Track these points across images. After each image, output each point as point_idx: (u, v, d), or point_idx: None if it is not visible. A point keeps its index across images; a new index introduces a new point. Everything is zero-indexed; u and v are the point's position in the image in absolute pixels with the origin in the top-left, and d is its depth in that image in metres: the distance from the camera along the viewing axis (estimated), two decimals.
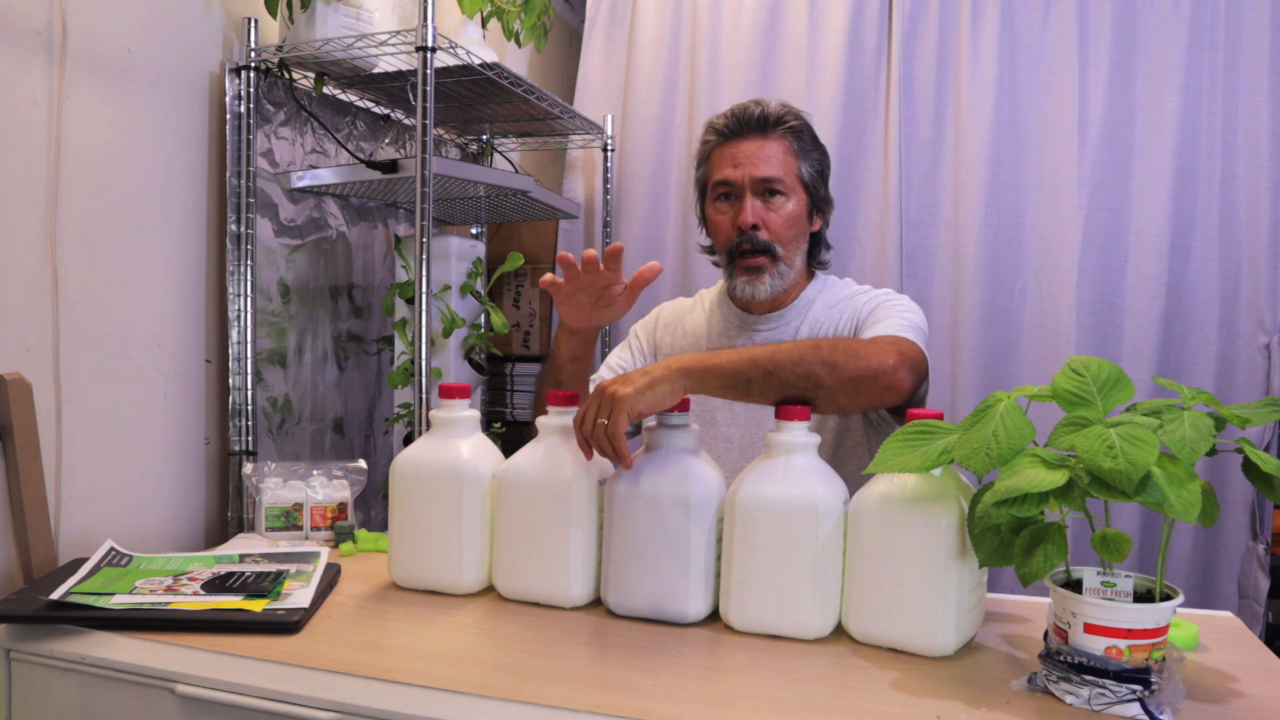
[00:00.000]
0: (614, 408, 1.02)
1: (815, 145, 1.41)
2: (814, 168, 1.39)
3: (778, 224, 1.36)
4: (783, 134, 1.37)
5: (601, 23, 2.35)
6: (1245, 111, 1.96)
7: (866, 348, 1.15)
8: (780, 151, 1.37)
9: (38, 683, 0.98)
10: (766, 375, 1.08)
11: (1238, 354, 1.99)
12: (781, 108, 1.39)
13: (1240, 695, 0.89)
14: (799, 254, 1.40)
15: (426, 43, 1.43)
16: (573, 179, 2.38)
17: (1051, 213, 2.04)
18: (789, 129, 1.37)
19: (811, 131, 1.41)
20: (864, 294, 1.42)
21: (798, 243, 1.39)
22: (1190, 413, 0.84)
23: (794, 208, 1.37)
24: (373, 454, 1.92)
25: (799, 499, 0.99)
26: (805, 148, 1.39)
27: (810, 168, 1.38)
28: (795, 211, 1.37)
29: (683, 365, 1.08)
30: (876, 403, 1.15)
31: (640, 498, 1.04)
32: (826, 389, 1.09)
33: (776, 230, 1.37)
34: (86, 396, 1.31)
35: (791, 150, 1.37)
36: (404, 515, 1.15)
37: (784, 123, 1.37)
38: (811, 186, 1.38)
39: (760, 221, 1.36)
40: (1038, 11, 2.05)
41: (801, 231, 1.40)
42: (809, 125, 1.41)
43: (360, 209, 1.88)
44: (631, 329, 1.60)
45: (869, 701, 0.85)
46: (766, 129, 1.37)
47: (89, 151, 1.30)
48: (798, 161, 1.37)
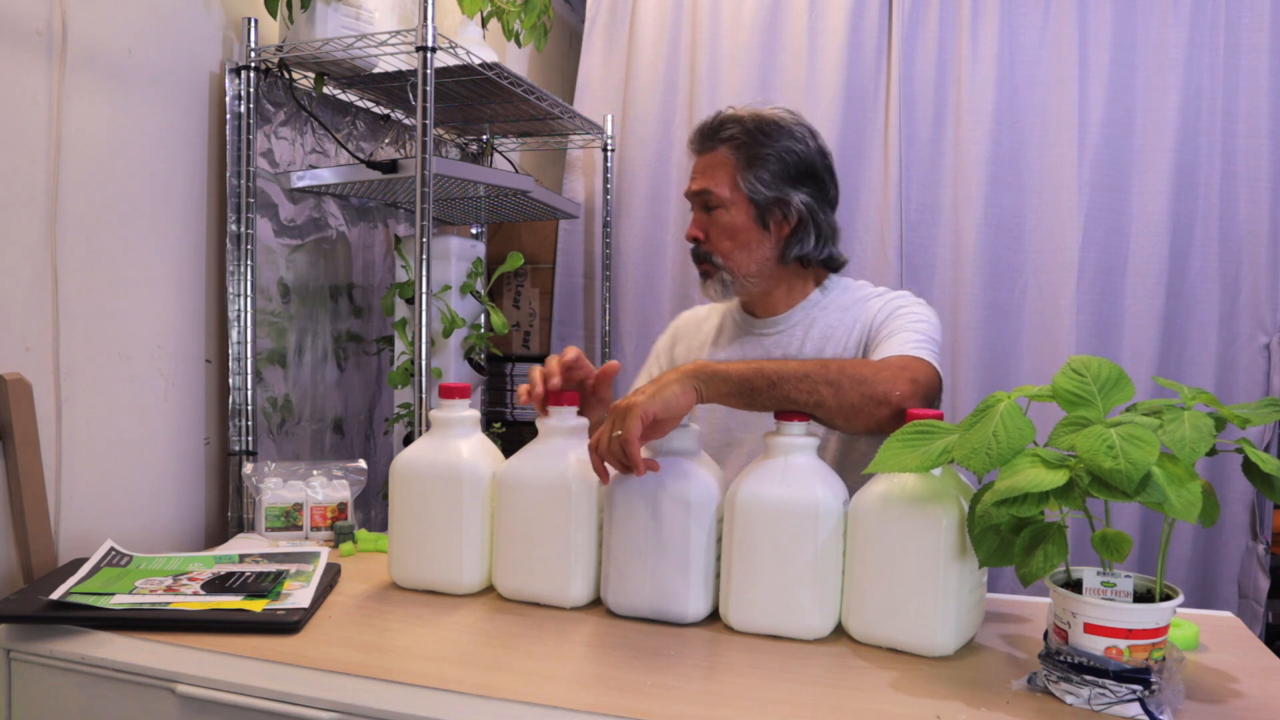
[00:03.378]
0: (626, 415, 1.01)
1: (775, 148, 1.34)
2: (767, 174, 1.34)
3: (714, 235, 1.37)
4: (722, 145, 1.36)
5: (601, 23, 2.35)
6: (1245, 111, 1.96)
7: (876, 373, 1.13)
8: (718, 164, 1.36)
9: (38, 683, 0.98)
10: (771, 386, 1.08)
11: (1238, 354, 1.99)
12: (729, 117, 1.36)
13: (1240, 695, 0.89)
14: (755, 261, 1.37)
15: (426, 43, 1.43)
16: (573, 179, 2.38)
17: (1051, 212, 2.04)
18: (727, 139, 1.35)
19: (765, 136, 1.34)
20: (878, 298, 1.38)
21: (748, 250, 1.36)
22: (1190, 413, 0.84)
23: (731, 218, 1.35)
24: (373, 454, 1.92)
25: (799, 499, 0.99)
26: (752, 157, 1.34)
27: (760, 175, 1.34)
28: (732, 222, 1.35)
29: (693, 368, 1.08)
30: (879, 430, 1.12)
31: (640, 498, 1.04)
32: (827, 409, 1.09)
33: (714, 242, 1.37)
34: (86, 396, 1.30)
35: (729, 161, 1.35)
36: (404, 515, 1.15)
37: (721, 134, 1.36)
38: (755, 195, 1.34)
39: (702, 233, 1.38)
40: (1038, 11, 2.05)
41: (747, 241, 1.36)
42: (764, 131, 1.35)
43: (360, 209, 1.88)
44: (653, 347, 1.61)
45: (869, 701, 0.85)
46: (711, 141, 1.37)
47: (89, 151, 1.30)
48: (737, 172, 1.34)
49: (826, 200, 1.39)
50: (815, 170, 1.37)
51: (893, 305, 1.36)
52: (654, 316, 2.24)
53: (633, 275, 2.30)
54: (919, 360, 1.20)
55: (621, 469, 1.04)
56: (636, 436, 1.00)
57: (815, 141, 1.38)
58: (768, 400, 1.09)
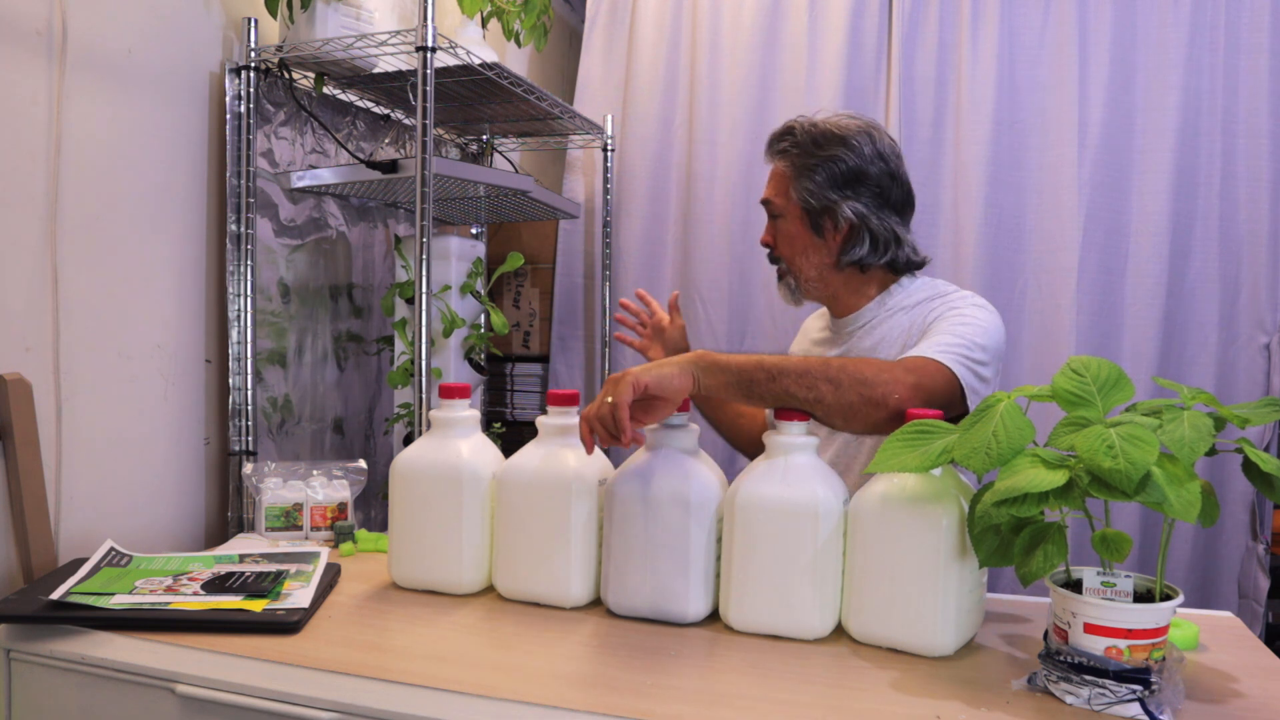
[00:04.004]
0: (619, 383, 1.03)
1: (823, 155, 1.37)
2: (814, 183, 1.37)
3: (778, 242, 1.45)
4: (778, 157, 1.42)
5: (601, 23, 2.35)
6: (1245, 111, 1.96)
7: (879, 374, 1.12)
8: (777, 174, 1.43)
9: (38, 683, 0.98)
10: (770, 379, 1.08)
11: (1238, 354, 1.99)
12: (787, 128, 1.41)
13: (1240, 695, 0.89)
14: (812, 266, 1.41)
15: (426, 43, 1.43)
16: (573, 179, 2.38)
17: (1051, 212, 2.04)
18: (780, 151, 1.41)
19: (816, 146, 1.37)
20: (940, 300, 1.36)
21: (805, 257, 1.41)
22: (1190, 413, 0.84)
23: (788, 226, 1.42)
24: (373, 454, 1.92)
25: (799, 499, 0.99)
26: (802, 167, 1.38)
27: (809, 185, 1.37)
28: (789, 230, 1.42)
29: (694, 356, 1.09)
30: (877, 431, 1.12)
31: (640, 498, 1.04)
32: (825, 406, 1.09)
33: (779, 248, 1.45)
34: (86, 396, 1.30)
35: (783, 172, 1.41)
36: (404, 515, 1.15)
37: (777, 145, 1.42)
38: (806, 204, 1.38)
39: (770, 240, 1.46)
40: (1038, 11, 2.05)
41: (804, 247, 1.41)
42: (812, 140, 1.38)
43: (360, 209, 1.88)
44: None
45: (869, 701, 0.85)
46: (771, 153, 1.44)
47: (89, 151, 1.30)
48: (789, 182, 1.40)
49: (887, 205, 1.39)
50: (869, 177, 1.37)
51: (948, 305, 1.34)
52: None
53: (633, 275, 2.30)
54: (934, 363, 1.18)
55: (608, 438, 1.03)
56: (627, 403, 1.01)
57: (874, 147, 1.38)
58: (766, 393, 1.09)
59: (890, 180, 1.38)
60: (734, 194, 2.21)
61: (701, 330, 2.22)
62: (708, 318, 2.22)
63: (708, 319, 2.22)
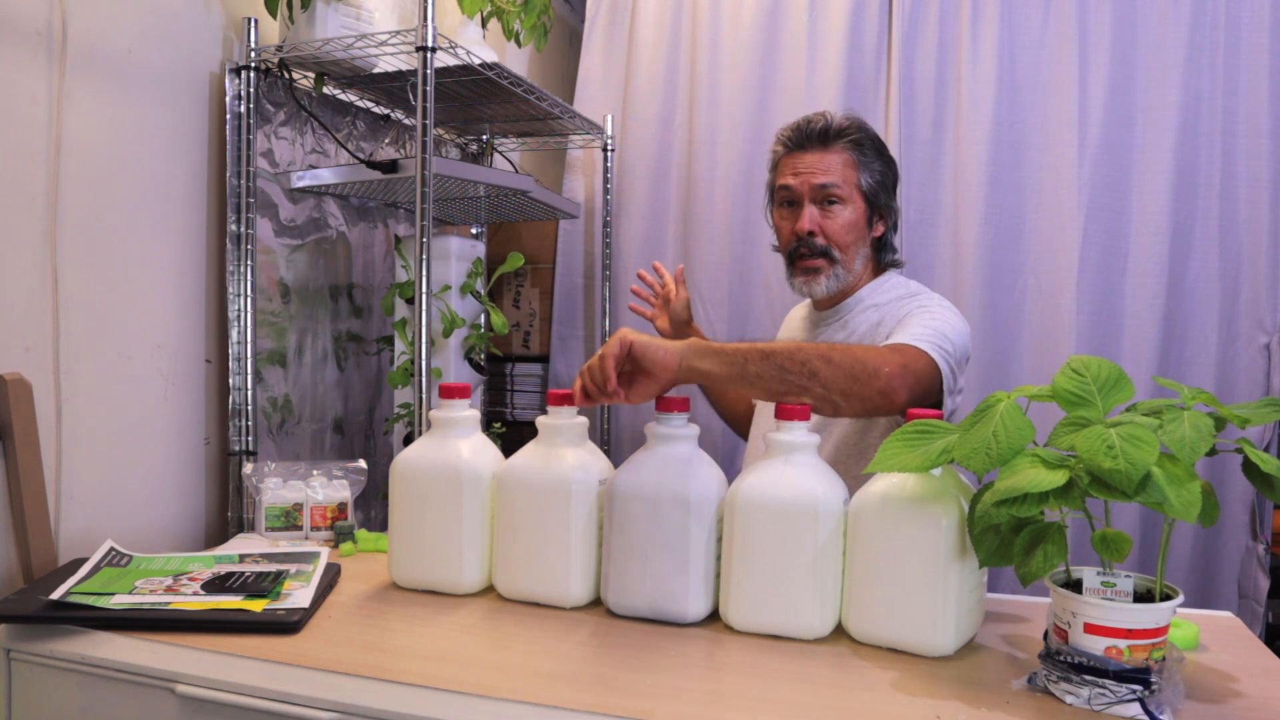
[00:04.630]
0: (611, 339, 1.08)
1: (879, 156, 1.47)
2: (874, 178, 1.46)
3: (834, 230, 1.45)
4: (844, 146, 1.45)
5: (601, 23, 2.35)
6: (1245, 111, 1.96)
7: (867, 352, 1.17)
8: (840, 163, 1.45)
9: (38, 683, 0.98)
10: (763, 358, 1.10)
11: (1238, 354, 1.99)
12: (845, 120, 1.47)
13: (1240, 695, 0.89)
14: (858, 257, 1.48)
15: (426, 43, 1.43)
16: (573, 179, 2.38)
17: (1051, 213, 2.04)
18: (850, 141, 1.45)
19: (876, 144, 1.48)
20: (910, 299, 1.43)
21: (857, 246, 1.47)
22: (1190, 413, 0.84)
23: (851, 215, 1.45)
24: (373, 454, 1.92)
25: (799, 499, 0.99)
26: (866, 159, 1.46)
27: (871, 178, 1.45)
28: (852, 218, 1.45)
29: (690, 342, 1.12)
30: (871, 408, 1.16)
31: (640, 498, 1.04)
32: (821, 381, 1.11)
33: (834, 235, 1.45)
34: (86, 396, 1.30)
35: (851, 162, 1.45)
36: (404, 515, 1.15)
37: (845, 135, 1.45)
38: (870, 195, 1.46)
39: (817, 228, 1.45)
40: (1038, 11, 2.05)
41: (860, 236, 1.47)
42: (873, 138, 1.48)
43: (360, 209, 1.88)
44: None
45: (869, 701, 0.85)
46: (828, 141, 1.46)
47: (89, 151, 1.30)
48: (857, 172, 1.45)
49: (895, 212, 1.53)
50: (897, 181, 1.51)
51: (918, 304, 1.41)
52: None
53: (632, 275, 2.29)
54: (913, 348, 1.24)
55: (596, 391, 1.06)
56: (613, 354, 1.06)
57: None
58: (760, 372, 1.10)
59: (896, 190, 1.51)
60: (734, 194, 2.21)
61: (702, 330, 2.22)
62: (708, 318, 2.22)
63: (708, 319, 2.22)
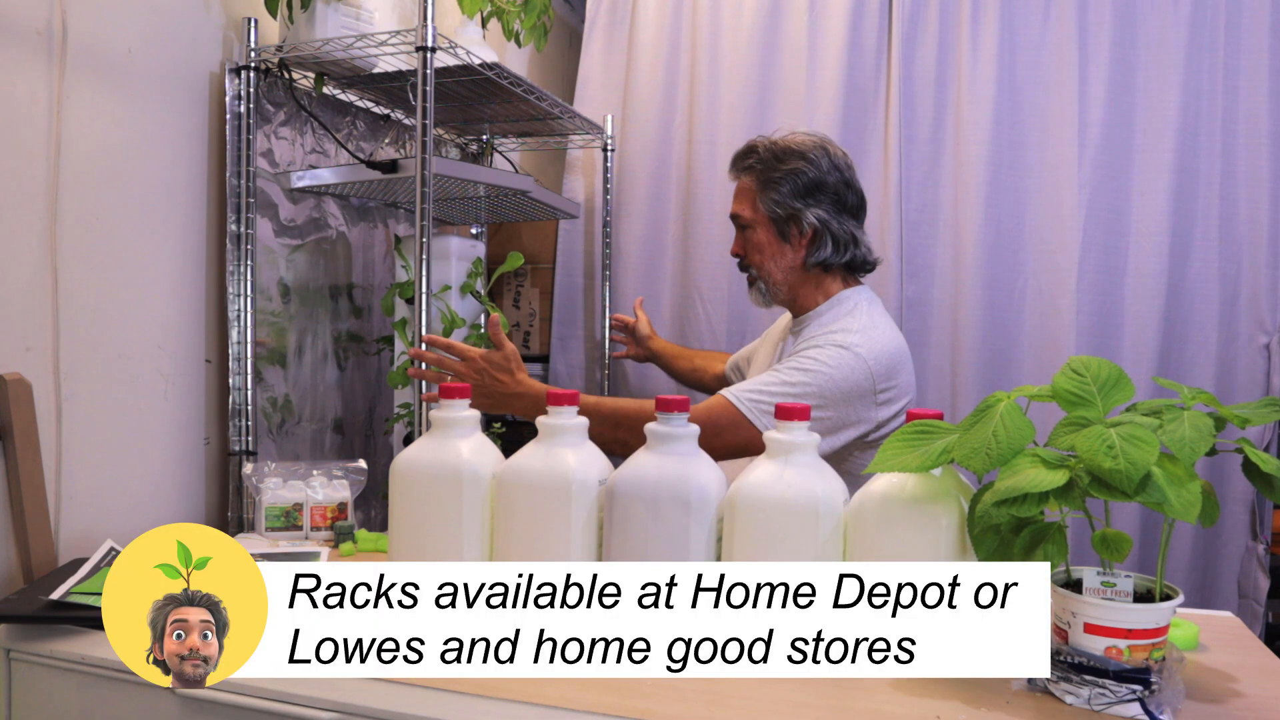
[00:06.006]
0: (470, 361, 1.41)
1: (785, 171, 1.52)
2: (780, 194, 1.52)
3: (748, 251, 1.60)
4: (743, 173, 1.58)
5: (601, 23, 2.35)
6: (1245, 111, 1.96)
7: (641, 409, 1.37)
8: (743, 190, 1.58)
9: (38, 683, 0.98)
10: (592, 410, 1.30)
11: (1238, 354, 1.99)
12: (748, 146, 1.57)
13: (1240, 695, 0.89)
14: (781, 269, 1.57)
15: (426, 43, 1.43)
16: (573, 179, 2.38)
17: (1051, 213, 2.04)
18: (746, 168, 1.57)
19: (778, 160, 1.53)
20: (820, 338, 1.47)
21: (774, 261, 1.57)
22: (1190, 413, 0.84)
23: (757, 235, 1.57)
24: (373, 454, 1.92)
25: (799, 499, 0.99)
26: (767, 180, 1.53)
27: (774, 195, 1.53)
28: (758, 239, 1.57)
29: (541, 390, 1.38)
30: None
31: (640, 498, 1.04)
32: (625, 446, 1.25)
33: (749, 257, 1.60)
34: (86, 396, 1.30)
35: (750, 186, 1.56)
36: (404, 515, 1.15)
37: (742, 163, 1.57)
38: (773, 214, 1.54)
39: (739, 250, 1.62)
40: (1038, 11, 2.05)
41: (773, 253, 1.56)
42: (774, 155, 1.53)
43: (360, 209, 1.88)
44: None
45: (869, 701, 0.85)
46: (736, 171, 1.60)
47: (89, 151, 1.30)
48: (757, 195, 1.55)
49: (844, 210, 1.55)
50: (827, 186, 1.53)
51: (802, 350, 1.47)
52: (654, 317, 2.24)
53: (633, 275, 2.30)
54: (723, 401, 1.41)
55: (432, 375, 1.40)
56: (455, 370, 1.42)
57: (829, 159, 1.54)
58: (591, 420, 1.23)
59: (845, 188, 1.55)
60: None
61: (701, 330, 2.22)
62: (707, 318, 2.22)
63: (708, 319, 2.22)
